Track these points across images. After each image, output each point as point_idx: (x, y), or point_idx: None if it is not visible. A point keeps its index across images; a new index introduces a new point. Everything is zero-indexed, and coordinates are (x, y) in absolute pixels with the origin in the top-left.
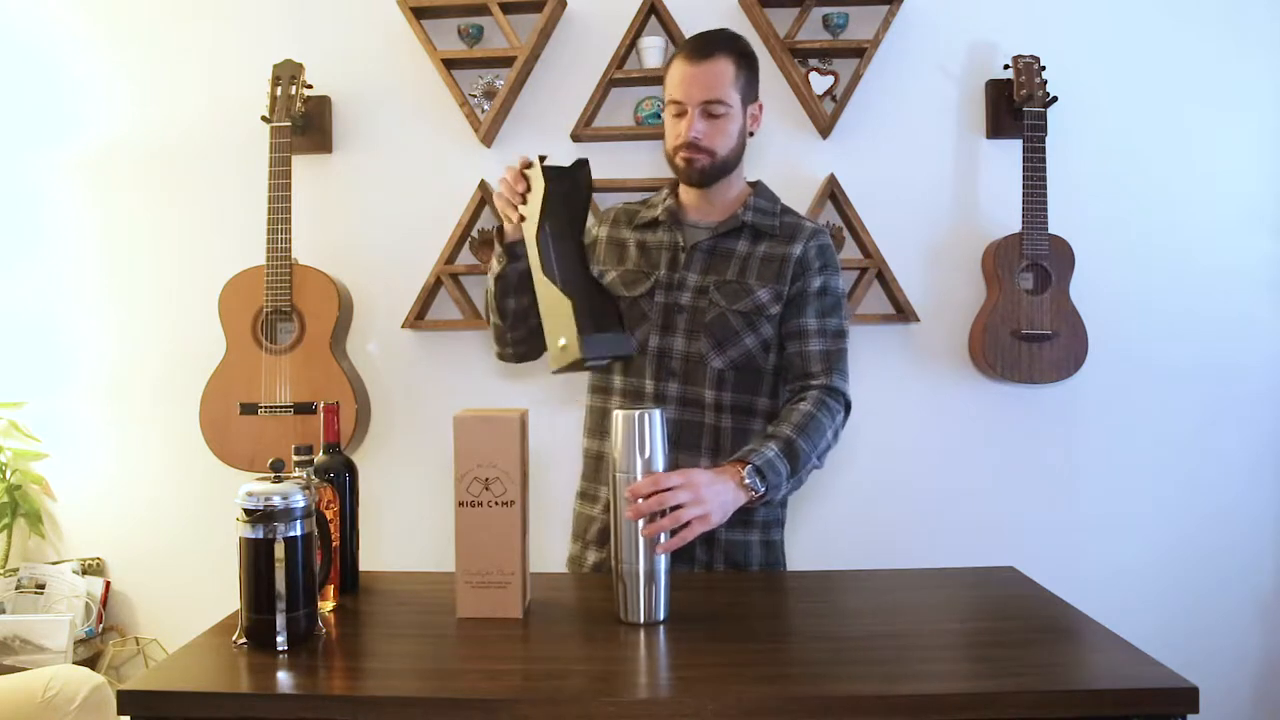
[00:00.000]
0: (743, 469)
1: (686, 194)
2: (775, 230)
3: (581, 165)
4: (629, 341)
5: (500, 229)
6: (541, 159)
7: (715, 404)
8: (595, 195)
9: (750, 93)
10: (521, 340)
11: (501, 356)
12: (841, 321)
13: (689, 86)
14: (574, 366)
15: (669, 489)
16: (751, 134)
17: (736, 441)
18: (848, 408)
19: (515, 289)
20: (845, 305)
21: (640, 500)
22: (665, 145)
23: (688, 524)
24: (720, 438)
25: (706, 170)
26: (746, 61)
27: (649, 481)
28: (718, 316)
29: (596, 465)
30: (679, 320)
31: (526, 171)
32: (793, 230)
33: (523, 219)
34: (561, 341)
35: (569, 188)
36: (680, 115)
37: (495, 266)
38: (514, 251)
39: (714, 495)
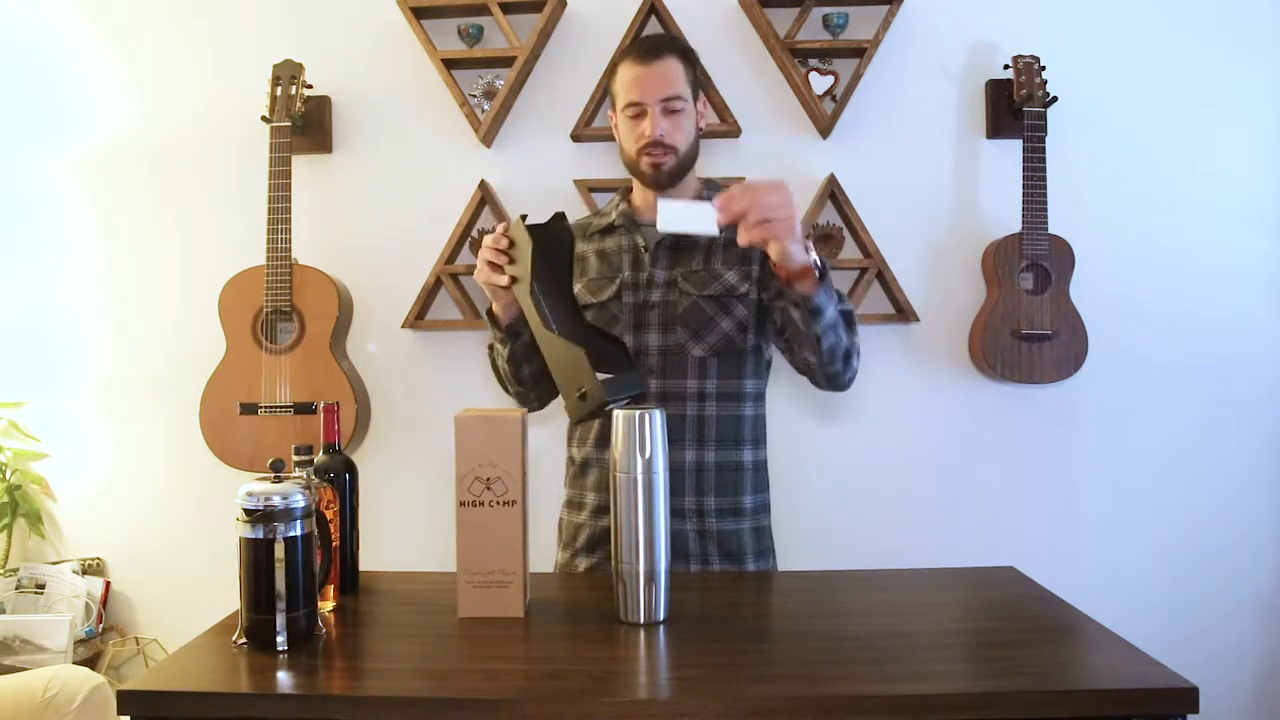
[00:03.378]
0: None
1: (642, 196)
2: None
3: (559, 218)
4: (642, 379)
5: (491, 312)
6: (523, 218)
7: (699, 393)
8: (595, 195)
9: (696, 90)
10: (546, 391)
11: (529, 410)
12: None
13: (645, 86)
14: (595, 413)
15: (764, 192)
16: (700, 129)
17: (723, 430)
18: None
19: (526, 358)
20: None
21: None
22: (625, 150)
23: (769, 223)
24: (705, 427)
25: (672, 169)
26: (691, 60)
27: (741, 187)
28: (690, 305)
29: (582, 473)
30: (651, 317)
31: (509, 233)
32: None
33: (513, 280)
34: (581, 390)
35: (551, 241)
36: (639, 116)
37: (500, 348)
38: (514, 330)
39: (796, 211)
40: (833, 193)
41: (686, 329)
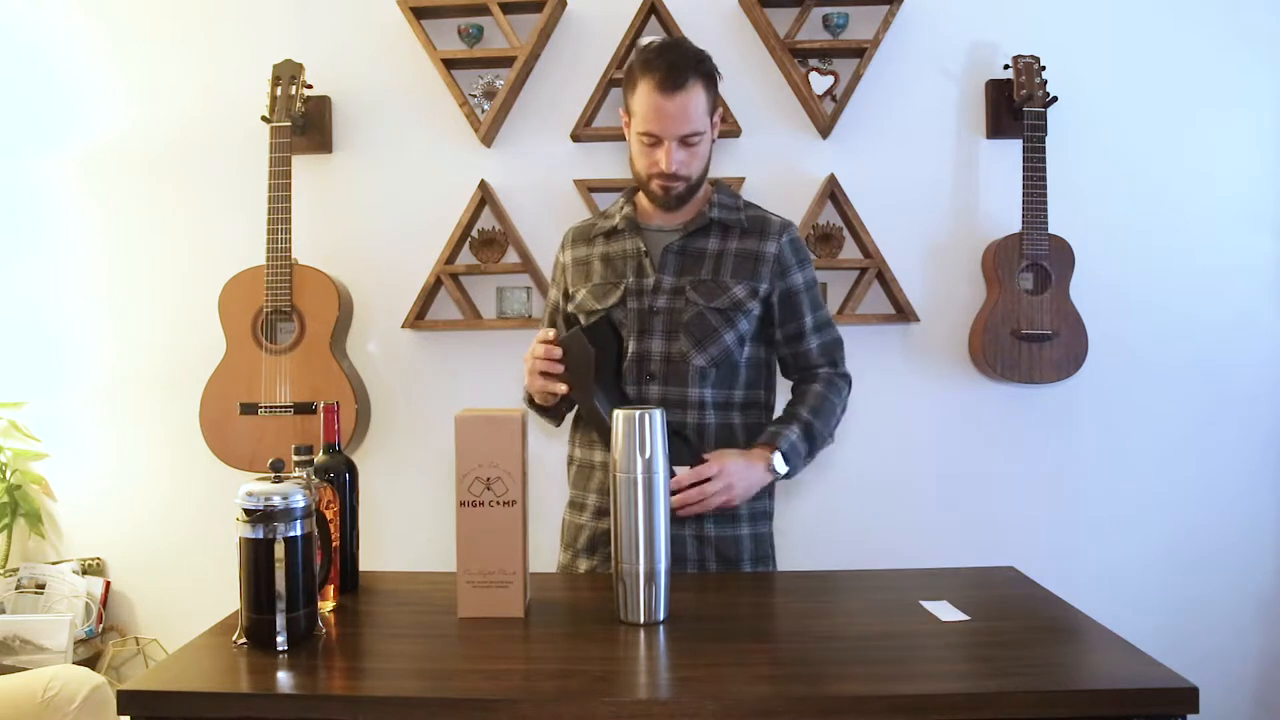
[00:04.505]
0: (770, 453)
1: (648, 200)
2: (743, 224)
3: (606, 320)
4: (700, 454)
5: (531, 399)
6: (576, 329)
7: (699, 402)
8: (595, 195)
9: (714, 105)
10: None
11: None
12: (826, 309)
13: (665, 122)
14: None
15: (707, 481)
16: (713, 140)
17: (720, 437)
18: (849, 382)
19: (569, 410)
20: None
21: (682, 492)
22: (635, 167)
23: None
24: (705, 434)
25: (682, 195)
26: (712, 79)
27: (693, 474)
28: (696, 315)
29: (585, 475)
30: (655, 323)
31: (563, 343)
32: (761, 225)
33: (570, 386)
34: None
35: (602, 342)
36: (655, 145)
37: (549, 421)
38: (556, 408)
39: (742, 480)
40: (833, 193)
41: (690, 338)
